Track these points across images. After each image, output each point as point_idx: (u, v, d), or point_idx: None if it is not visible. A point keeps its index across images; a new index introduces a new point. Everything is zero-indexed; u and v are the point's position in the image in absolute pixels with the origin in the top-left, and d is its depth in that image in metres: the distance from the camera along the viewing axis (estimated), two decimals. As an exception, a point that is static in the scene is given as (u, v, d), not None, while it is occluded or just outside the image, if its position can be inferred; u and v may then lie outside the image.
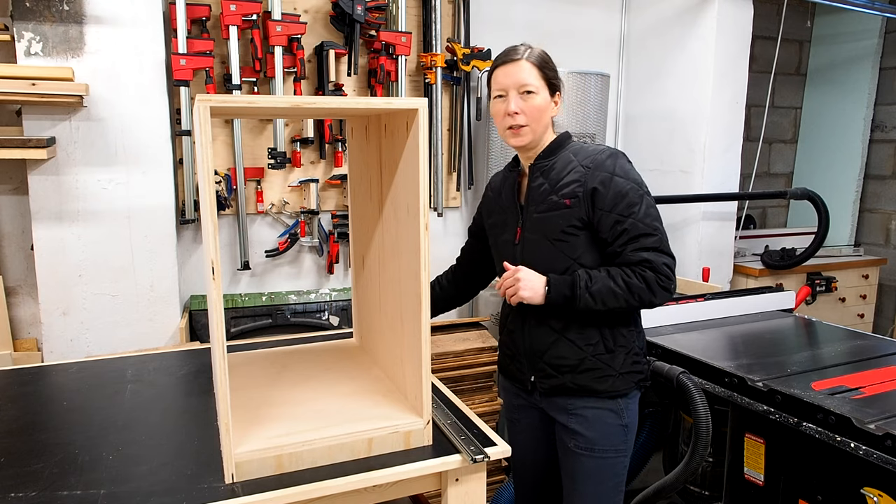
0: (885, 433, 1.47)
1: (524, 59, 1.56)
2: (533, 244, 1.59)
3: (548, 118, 1.60)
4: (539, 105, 1.56)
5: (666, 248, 1.53)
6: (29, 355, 2.46)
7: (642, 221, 1.50)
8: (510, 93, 1.56)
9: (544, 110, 1.57)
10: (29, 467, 1.23)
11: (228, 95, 2.30)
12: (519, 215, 1.63)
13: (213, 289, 1.14)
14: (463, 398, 2.55)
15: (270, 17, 2.64)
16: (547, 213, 1.56)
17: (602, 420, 1.59)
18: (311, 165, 2.94)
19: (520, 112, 1.55)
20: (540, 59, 1.57)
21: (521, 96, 1.55)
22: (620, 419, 1.60)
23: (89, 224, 2.37)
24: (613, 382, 1.58)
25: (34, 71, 2.19)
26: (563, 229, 1.54)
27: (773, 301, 2.67)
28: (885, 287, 4.21)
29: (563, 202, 1.53)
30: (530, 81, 1.55)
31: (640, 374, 1.63)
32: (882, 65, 4.12)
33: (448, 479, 1.32)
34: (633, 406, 1.63)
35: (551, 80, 1.58)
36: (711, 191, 3.29)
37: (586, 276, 1.50)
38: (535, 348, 1.63)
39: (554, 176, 1.57)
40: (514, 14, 3.31)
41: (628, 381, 1.60)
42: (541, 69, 1.56)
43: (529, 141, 1.58)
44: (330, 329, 2.80)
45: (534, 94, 1.55)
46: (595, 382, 1.58)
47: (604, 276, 1.50)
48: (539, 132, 1.59)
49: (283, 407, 1.41)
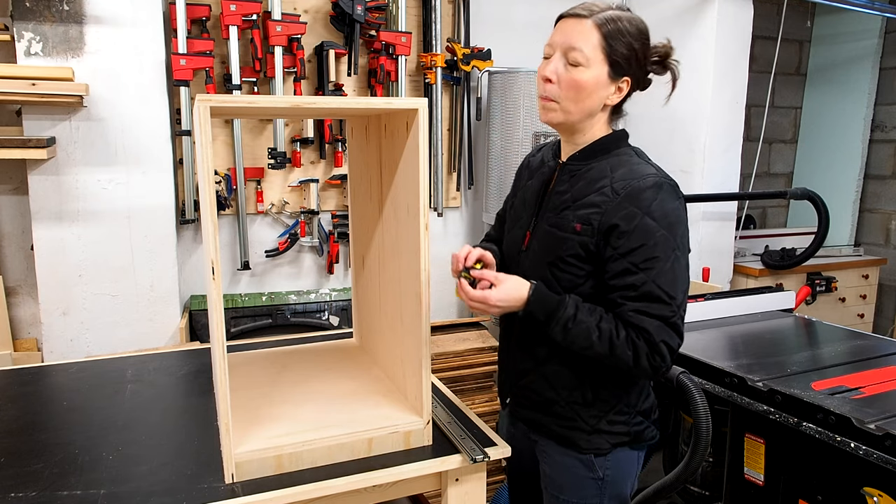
0: (885, 433, 1.47)
1: (591, 20, 1.23)
2: (535, 260, 1.35)
3: (593, 103, 1.26)
4: (581, 81, 1.23)
5: (676, 324, 1.22)
6: (29, 355, 2.46)
7: (659, 282, 1.20)
8: (556, 53, 1.26)
9: (588, 90, 1.24)
10: (29, 467, 1.23)
11: (228, 95, 2.29)
12: (533, 217, 1.39)
13: (213, 289, 1.14)
14: (463, 398, 2.55)
15: (270, 17, 2.64)
16: (554, 230, 1.31)
17: (570, 470, 1.38)
18: (311, 165, 2.94)
19: (555, 81, 1.25)
20: (615, 26, 1.22)
21: (566, 63, 1.24)
22: (592, 472, 1.36)
23: (89, 224, 2.37)
24: (584, 437, 1.35)
25: (34, 71, 2.19)
26: (564, 257, 1.28)
27: (773, 301, 2.66)
28: (885, 287, 4.21)
29: (574, 226, 1.26)
30: (581, 48, 1.22)
31: (623, 436, 1.35)
32: (882, 65, 4.12)
33: (448, 479, 1.32)
34: (616, 461, 1.37)
35: (616, 58, 1.24)
36: (711, 191, 3.29)
37: (573, 311, 1.23)
38: (512, 371, 1.45)
39: (581, 187, 1.29)
40: (514, 14, 3.31)
41: (606, 441, 1.35)
42: (607, 38, 1.22)
43: (560, 122, 1.29)
44: (330, 329, 2.80)
45: (580, 67, 1.23)
46: (563, 430, 1.37)
47: (592, 322, 1.23)
48: (576, 115, 1.27)
49: (283, 407, 1.41)
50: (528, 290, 1.25)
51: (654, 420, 1.42)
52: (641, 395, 1.38)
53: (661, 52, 1.31)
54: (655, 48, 1.30)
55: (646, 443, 1.40)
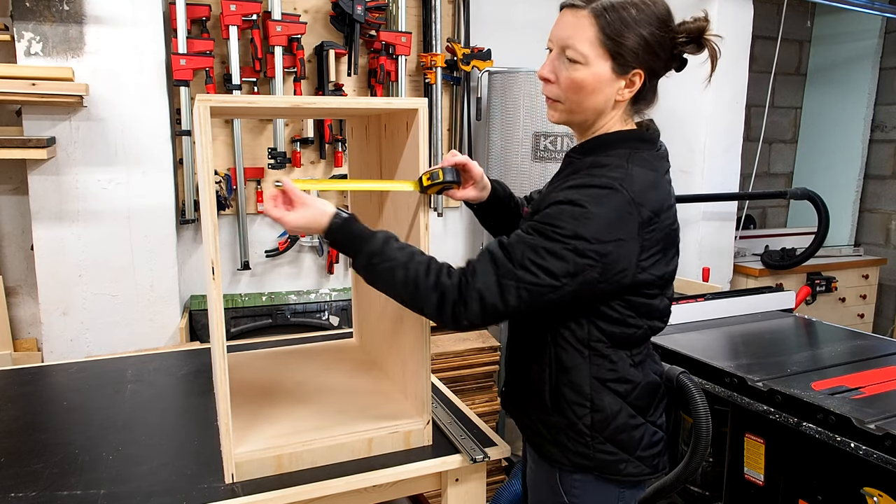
0: (885, 433, 1.47)
1: (588, 10, 1.09)
2: None
3: (598, 101, 1.13)
4: (580, 80, 1.11)
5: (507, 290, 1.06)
6: (29, 355, 2.46)
7: (525, 249, 1.06)
8: (554, 50, 1.15)
9: (589, 90, 1.12)
10: (29, 467, 1.23)
11: (228, 95, 2.30)
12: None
13: (213, 289, 1.14)
14: (463, 398, 2.55)
15: (270, 17, 2.63)
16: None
17: (539, 486, 1.27)
18: (311, 165, 2.94)
19: (553, 81, 1.15)
20: (617, 16, 1.08)
21: (564, 60, 1.12)
22: (556, 495, 1.22)
23: (89, 224, 2.37)
24: (546, 446, 1.22)
25: (34, 71, 2.19)
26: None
27: (773, 301, 2.66)
28: (885, 287, 4.21)
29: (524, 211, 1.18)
30: (577, 46, 1.10)
31: (584, 459, 1.18)
32: (882, 65, 4.12)
33: (448, 479, 1.32)
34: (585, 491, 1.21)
35: (620, 52, 1.09)
36: (711, 191, 3.29)
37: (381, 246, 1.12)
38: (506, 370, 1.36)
39: (561, 178, 1.19)
40: (514, 14, 3.31)
41: (567, 458, 1.20)
42: (607, 31, 1.08)
43: (564, 120, 1.19)
44: (330, 329, 2.80)
45: (578, 65, 1.11)
46: (533, 435, 1.25)
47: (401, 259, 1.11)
48: (580, 115, 1.16)
49: (283, 407, 1.41)
50: (328, 221, 1.13)
51: (647, 458, 1.22)
52: (613, 423, 1.17)
53: (693, 29, 1.12)
54: (684, 27, 1.13)
55: (628, 479, 1.20)
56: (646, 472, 1.22)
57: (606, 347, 1.16)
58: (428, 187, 1.23)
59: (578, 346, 1.16)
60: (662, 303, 1.20)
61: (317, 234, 1.15)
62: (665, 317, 1.23)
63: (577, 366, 1.17)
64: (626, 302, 1.14)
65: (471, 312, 1.08)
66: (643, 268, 1.10)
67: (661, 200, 1.11)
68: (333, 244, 1.15)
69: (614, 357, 1.17)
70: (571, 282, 1.06)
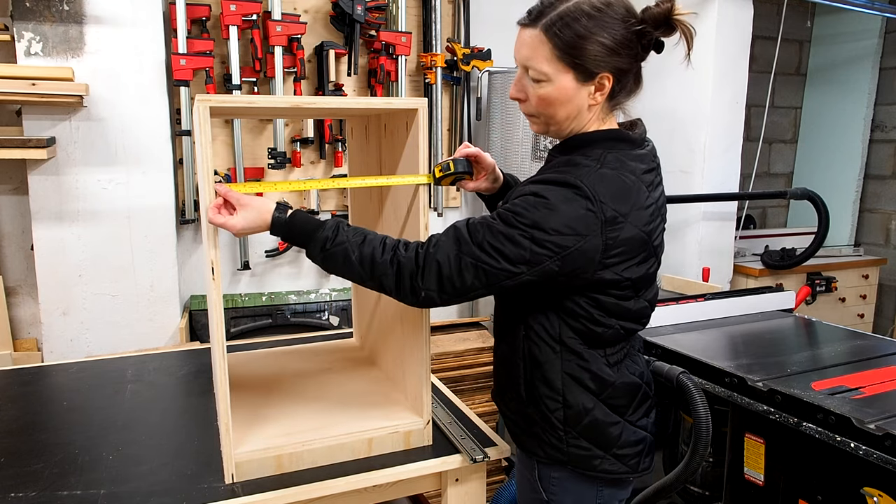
0: (885, 433, 1.47)
1: (539, 28, 1.10)
2: None
3: (571, 110, 1.14)
4: (545, 95, 1.13)
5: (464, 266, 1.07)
6: (29, 355, 2.46)
7: (484, 231, 1.08)
8: (519, 69, 1.17)
9: (559, 102, 1.13)
10: (29, 467, 1.23)
11: (228, 95, 2.30)
12: None
13: (213, 289, 1.14)
14: (463, 398, 2.55)
15: (270, 17, 2.64)
16: None
17: (521, 482, 1.30)
18: (311, 165, 2.94)
19: (525, 99, 1.18)
20: (569, 30, 1.08)
21: (527, 77, 1.15)
22: (535, 491, 1.24)
23: (89, 224, 2.37)
24: (523, 436, 1.25)
25: (34, 71, 2.19)
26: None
27: (773, 301, 2.66)
28: (885, 287, 4.21)
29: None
30: (536, 66, 1.11)
31: (557, 452, 1.20)
32: (882, 65, 4.12)
33: (448, 479, 1.32)
34: (563, 489, 1.22)
35: (580, 63, 1.09)
36: (711, 191, 3.29)
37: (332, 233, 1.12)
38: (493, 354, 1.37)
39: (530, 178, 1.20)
40: (514, 14, 3.26)
41: (543, 450, 1.22)
42: (562, 48, 1.08)
43: (543, 132, 1.22)
44: (330, 329, 2.80)
45: (543, 82, 1.12)
46: (512, 425, 1.28)
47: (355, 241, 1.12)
48: (556, 125, 1.18)
49: (283, 407, 1.41)
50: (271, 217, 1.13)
51: (624, 456, 1.21)
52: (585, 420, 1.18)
53: (658, 15, 1.11)
54: (648, 14, 1.11)
55: (604, 475, 1.20)
56: (622, 471, 1.22)
57: (578, 345, 1.17)
58: (441, 178, 1.26)
59: (550, 342, 1.17)
60: (637, 304, 1.18)
61: (264, 231, 1.14)
62: (643, 319, 1.22)
63: (548, 361, 1.18)
64: (594, 300, 1.14)
65: (427, 282, 1.09)
66: (606, 265, 1.10)
67: (628, 201, 1.10)
68: (284, 238, 1.15)
69: (586, 355, 1.17)
70: (528, 270, 1.07)
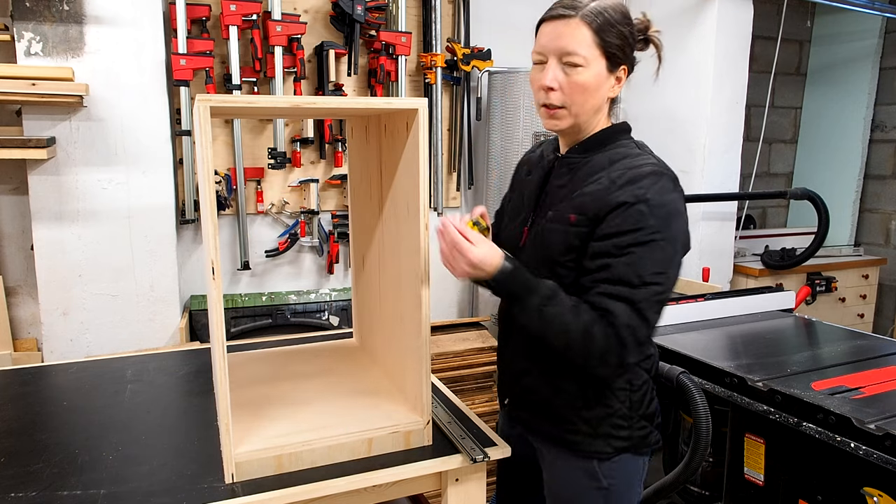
0: (885, 433, 1.47)
1: (578, 17, 1.18)
2: (534, 256, 1.28)
3: (599, 99, 1.23)
4: (584, 82, 1.20)
5: (642, 309, 1.13)
6: (29, 355, 2.46)
7: (636, 267, 1.13)
8: (550, 60, 1.22)
9: (592, 89, 1.21)
10: (29, 467, 1.23)
11: (228, 95, 2.30)
12: (531, 213, 1.34)
13: (213, 289, 1.14)
14: (463, 398, 2.55)
15: (270, 17, 2.64)
16: (551, 225, 1.25)
17: (573, 480, 1.32)
18: (311, 165, 2.94)
19: (557, 88, 1.22)
20: (603, 18, 1.18)
21: (564, 67, 1.20)
22: (596, 481, 1.30)
23: (89, 224, 2.37)
24: (586, 441, 1.29)
25: (34, 71, 2.19)
26: (561, 250, 1.22)
27: (773, 301, 2.66)
28: (885, 287, 4.21)
29: (569, 217, 1.21)
30: (577, 50, 1.18)
31: (625, 441, 1.29)
32: (882, 65, 4.12)
33: (448, 479, 1.32)
34: (620, 469, 1.30)
35: (612, 51, 1.20)
36: (711, 191, 3.29)
37: (549, 292, 1.16)
38: (511, 370, 1.40)
39: (578, 179, 1.25)
40: (514, 14, 3.31)
41: (608, 445, 1.29)
42: (599, 33, 1.18)
43: (569, 126, 1.26)
44: (330, 329, 2.80)
45: (580, 68, 1.19)
46: (563, 433, 1.31)
47: (569, 307, 1.15)
48: (583, 116, 1.24)
49: (283, 407, 1.41)
50: (503, 257, 1.18)
51: (658, 424, 1.35)
52: (645, 399, 1.31)
53: (642, 27, 1.28)
54: (637, 26, 1.27)
55: (650, 448, 1.33)
56: (658, 438, 1.35)
57: None
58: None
59: None
60: None
61: (485, 276, 1.18)
62: None
63: None
64: None
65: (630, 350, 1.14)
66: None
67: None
68: (501, 283, 1.18)
69: None
70: (676, 270, 1.18)
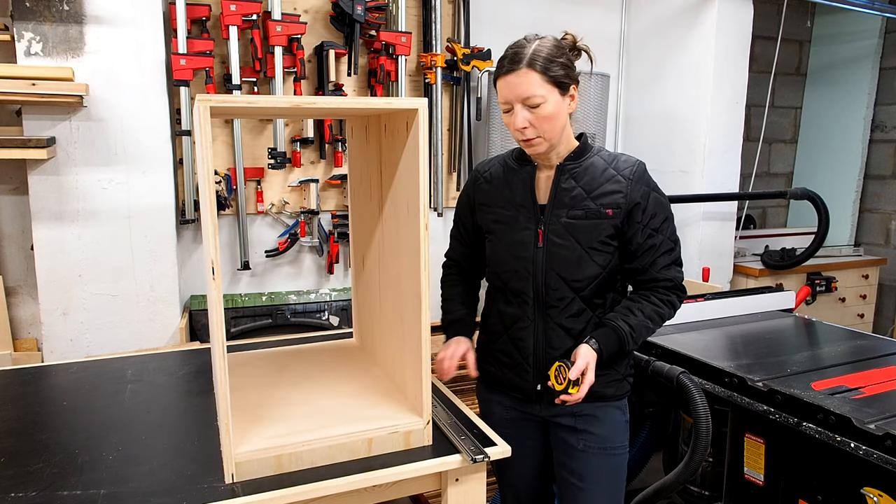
0: (885, 433, 1.47)
1: (524, 67, 1.42)
2: (561, 249, 1.51)
3: (563, 121, 1.49)
4: (549, 114, 1.44)
5: (680, 258, 1.59)
6: (29, 355, 2.46)
7: (670, 237, 1.55)
8: (515, 106, 1.45)
9: (555, 117, 1.45)
10: (29, 467, 1.23)
11: (228, 95, 2.30)
12: (539, 215, 1.53)
13: (213, 289, 1.14)
14: (463, 398, 2.54)
15: (270, 17, 2.63)
16: (584, 221, 1.50)
17: (611, 418, 1.59)
18: (311, 165, 2.94)
19: (528, 126, 1.45)
20: (543, 60, 1.42)
21: (528, 108, 1.44)
22: (624, 415, 1.62)
23: (89, 224, 2.37)
24: (620, 386, 1.59)
25: (34, 71, 2.19)
26: (602, 239, 1.50)
27: (773, 301, 2.66)
28: (885, 287, 4.21)
29: (606, 212, 1.49)
30: (534, 92, 1.42)
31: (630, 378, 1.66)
32: (882, 65, 4.12)
33: (448, 479, 1.32)
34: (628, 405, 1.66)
35: (560, 80, 1.45)
36: (711, 191, 3.29)
37: (628, 329, 1.50)
38: (549, 354, 1.55)
39: (588, 181, 1.51)
40: (514, 14, 3.31)
41: (629, 384, 1.63)
42: (545, 72, 1.42)
43: (547, 148, 1.50)
44: (330, 329, 2.80)
45: (541, 105, 1.43)
46: (605, 387, 1.56)
47: (641, 320, 1.52)
48: (556, 137, 1.49)
49: (283, 407, 1.41)
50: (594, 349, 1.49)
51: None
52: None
53: (571, 44, 1.53)
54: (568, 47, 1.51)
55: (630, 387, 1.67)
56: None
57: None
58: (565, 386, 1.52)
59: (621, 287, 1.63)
60: None
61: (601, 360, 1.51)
62: None
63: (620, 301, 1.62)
64: None
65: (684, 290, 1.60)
66: None
67: None
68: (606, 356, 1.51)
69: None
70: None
